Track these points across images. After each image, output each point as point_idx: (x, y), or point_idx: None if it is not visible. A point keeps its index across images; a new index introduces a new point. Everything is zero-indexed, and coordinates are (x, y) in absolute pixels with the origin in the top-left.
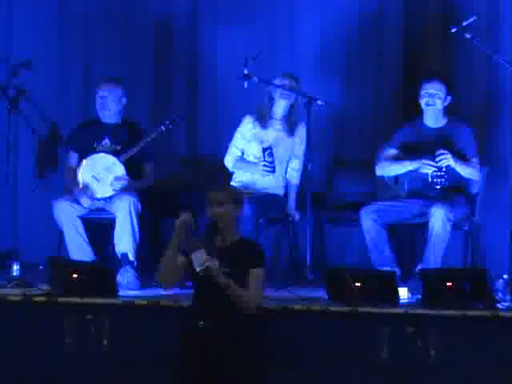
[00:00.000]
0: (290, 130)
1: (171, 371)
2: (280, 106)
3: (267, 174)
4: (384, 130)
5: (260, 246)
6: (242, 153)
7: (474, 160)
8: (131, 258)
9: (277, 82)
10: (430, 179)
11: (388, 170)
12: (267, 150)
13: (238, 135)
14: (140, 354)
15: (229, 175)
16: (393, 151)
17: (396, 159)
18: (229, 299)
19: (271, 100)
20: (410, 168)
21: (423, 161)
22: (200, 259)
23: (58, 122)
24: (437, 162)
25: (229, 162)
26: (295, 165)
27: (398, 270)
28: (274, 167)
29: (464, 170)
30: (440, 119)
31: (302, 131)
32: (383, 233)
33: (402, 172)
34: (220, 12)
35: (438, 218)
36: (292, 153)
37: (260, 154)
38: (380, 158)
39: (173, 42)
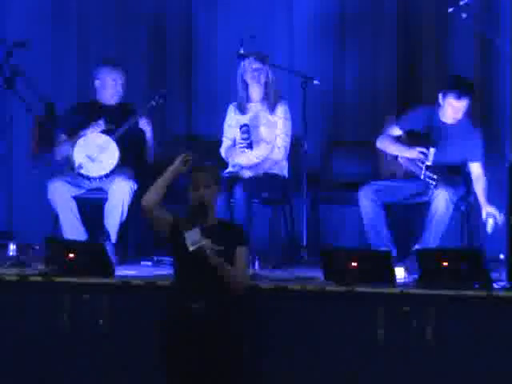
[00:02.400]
0: (271, 109)
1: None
2: (254, 89)
3: (244, 150)
4: (383, 111)
5: (241, 225)
6: (234, 141)
7: (477, 165)
8: (113, 236)
9: (246, 64)
10: (422, 177)
11: (387, 147)
12: (243, 127)
13: (225, 126)
14: (136, 334)
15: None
16: (397, 131)
17: (398, 140)
18: (216, 280)
19: (245, 84)
20: (406, 155)
21: (418, 149)
22: (194, 237)
23: (55, 102)
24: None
25: (222, 152)
26: (277, 142)
27: (394, 250)
28: (249, 143)
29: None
30: (458, 118)
31: (281, 109)
32: (382, 213)
33: (397, 154)
34: None
35: (442, 200)
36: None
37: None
38: (384, 131)
39: (168, 23)
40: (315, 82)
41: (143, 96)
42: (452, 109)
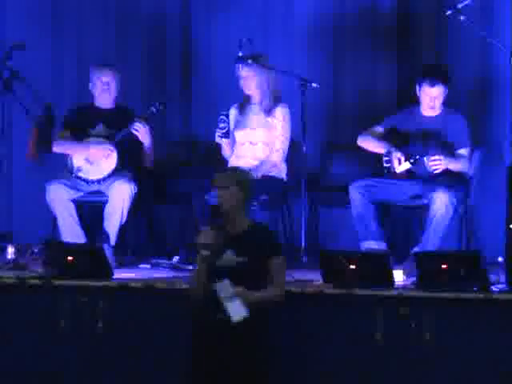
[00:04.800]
0: (268, 111)
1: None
2: (252, 93)
3: (219, 138)
4: (383, 113)
5: (273, 231)
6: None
7: (465, 150)
8: (113, 238)
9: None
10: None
11: (367, 144)
12: (221, 116)
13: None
14: (135, 336)
15: None
16: (379, 129)
17: (378, 137)
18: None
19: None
20: (383, 151)
21: (394, 153)
22: (226, 291)
23: (52, 103)
24: (431, 169)
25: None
26: (276, 144)
27: (384, 245)
28: (225, 132)
29: (455, 167)
30: (436, 109)
31: (281, 112)
32: (370, 207)
33: (376, 151)
34: None
35: (442, 204)
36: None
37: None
38: (366, 130)
39: (166, 26)
40: (314, 85)
41: (142, 97)
42: (428, 98)
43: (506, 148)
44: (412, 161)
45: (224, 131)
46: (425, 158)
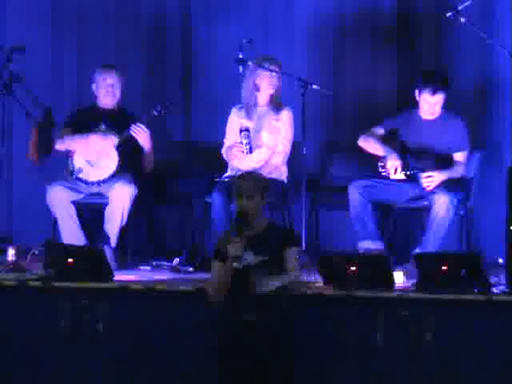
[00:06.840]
0: (275, 113)
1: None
2: (266, 94)
3: (242, 153)
4: (380, 113)
5: (292, 228)
6: None
7: (462, 154)
8: (113, 240)
9: (261, 69)
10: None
11: (368, 145)
12: (244, 132)
13: (227, 129)
14: (136, 338)
15: None
16: (380, 130)
17: (380, 140)
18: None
19: (256, 88)
20: (381, 154)
21: (393, 161)
22: None
23: (51, 108)
24: (424, 186)
25: (223, 153)
26: (278, 147)
27: (382, 245)
28: (249, 148)
29: (452, 176)
30: (435, 114)
31: (286, 115)
32: (368, 207)
33: (376, 153)
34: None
35: (443, 205)
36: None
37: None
38: (367, 131)
39: (167, 29)
40: (314, 86)
41: (142, 98)
42: (428, 105)
43: (505, 148)
44: (408, 173)
45: (249, 147)
46: (420, 174)
